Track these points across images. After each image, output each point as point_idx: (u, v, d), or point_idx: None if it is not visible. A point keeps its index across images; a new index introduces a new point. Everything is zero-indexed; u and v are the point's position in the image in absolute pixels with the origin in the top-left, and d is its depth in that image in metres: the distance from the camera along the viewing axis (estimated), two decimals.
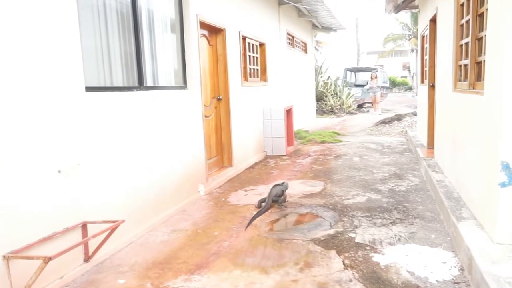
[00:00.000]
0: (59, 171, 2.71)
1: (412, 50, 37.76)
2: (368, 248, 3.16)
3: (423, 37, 7.72)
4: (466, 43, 3.90)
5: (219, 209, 4.34)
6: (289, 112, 7.95)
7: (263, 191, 5.01)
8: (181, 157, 4.46)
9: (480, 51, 3.55)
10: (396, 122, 11.32)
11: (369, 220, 3.77)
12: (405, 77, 48.69)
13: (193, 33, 4.76)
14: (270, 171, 6.23)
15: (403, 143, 8.40)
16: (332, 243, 3.28)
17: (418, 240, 3.27)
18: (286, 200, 4.43)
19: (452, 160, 4.32)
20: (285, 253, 3.12)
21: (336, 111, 15.81)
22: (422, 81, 7.86)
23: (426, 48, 7.14)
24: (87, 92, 3.01)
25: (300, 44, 11.61)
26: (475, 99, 3.35)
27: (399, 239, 3.30)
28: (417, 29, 34.62)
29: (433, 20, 6.22)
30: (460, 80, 4.22)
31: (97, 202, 3.08)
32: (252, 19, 7.01)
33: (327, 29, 14.03)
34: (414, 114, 12.55)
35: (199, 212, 4.27)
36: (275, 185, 4.42)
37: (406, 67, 50.04)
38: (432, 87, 6.38)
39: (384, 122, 11.41)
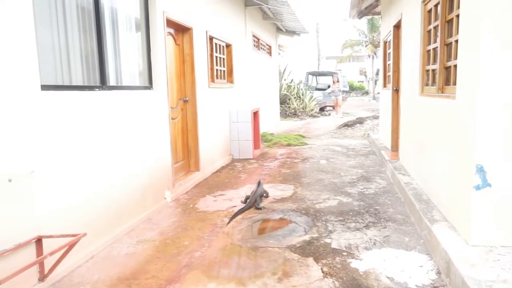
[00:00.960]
0: (10, 180, 2.41)
1: (369, 56, 39.16)
2: (345, 254, 3.10)
3: (385, 42, 7.91)
4: (434, 49, 3.98)
5: (187, 216, 4.14)
6: (256, 114, 7.85)
7: (232, 196, 4.86)
8: (147, 162, 4.22)
9: (449, 56, 3.62)
10: (358, 125, 11.56)
11: (343, 225, 3.73)
12: (362, 81, 50.41)
13: (159, 31, 4.53)
14: (238, 175, 6.09)
15: (366, 145, 8.56)
16: (309, 249, 3.19)
17: (393, 243, 3.25)
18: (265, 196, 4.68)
19: (419, 163, 4.39)
20: (261, 262, 2.99)
21: (299, 114, 15.94)
22: (385, 85, 8.05)
23: (389, 53, 7.31)
24: (43, 91, 2.73)
25: (265, 46, 11.58)
26: (445, 103, 3.40)
27: (374, 243, 3.27)
28: (373, 36, 35.75)
29: (397, 26, 6.37)
30: (427, 85, 4.30)
31: (53, 213, 2.79)
32: (219, 19, 6.85)
33: (291, 32, 14.14)
34: (375, 117, 12.91)
35: (166, 220, 4.04)
36: (259, 184, 4.63)
37: (363, 72, 51.78)
38: (396, 91, 6.53)
39: (347, 125, 11.61)
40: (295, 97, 16.63)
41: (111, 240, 3.45)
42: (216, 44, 6.68)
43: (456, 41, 3.33)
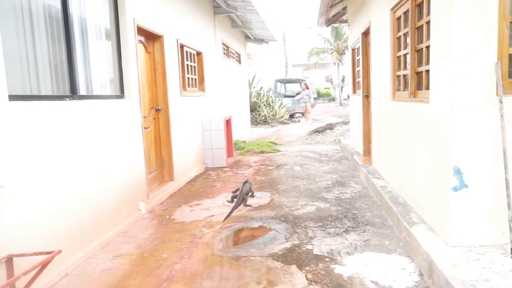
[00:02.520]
0: None
1: (334, 63, 40.17)
2: (327, 259, 3.09)
3: (353, 49, 8.11)
4: (405, 55, 4.10)
5: (164, 228, 4.01)
6: (228, 122, 7.80)
7: (209, 205, 4.77)
8: (120, 173, 4.07)
9: (420, 61, 3.74)
10: (328, 131, 11.75)
11: (323, 230, 3.74)
12: (328, 88, 51.57)
13: (130, 38, 4.41)
14: (213, 183, 6.00)
15: (338, 151, 8.70)
16: (291, 257, 3.16)
17: (374, 247, 3.29)
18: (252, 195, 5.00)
19: (394, 166, 4.49)
20: (244, 272, 2.93)
21: (269, 121, 16.02)
22: (354, 91, 8.24)
23: (358, 60, 7.50)
24: (10, 101, 2.56)
25: (234, 54, 11.58)
26: (419, 107, 3.50)
27: (355, 248, 3.29)
28: (338, 44, 36.63)
29: (365, 33, 6.55)
30: (399, 90, 4.42)
31: (24, 229, 2.62)
32: (190, 27, 6.78)
33: (259, 40, 14.23)
34: (344, 123, 13.18)
35: (143, 232, 3.90)
36: (245, 183, 4.92)
37: (329, 79, 53.01)
38: (366, 97, 6.68)
39: (317, 131, 11.78)
40: (265, 105, 16.72)
41: (86, 256, 3.28)
42: (187, 52, 6.60)
43: (427, 47, 3.44)
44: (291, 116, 18.51)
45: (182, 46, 6.35)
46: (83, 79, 3.69)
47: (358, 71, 7.57)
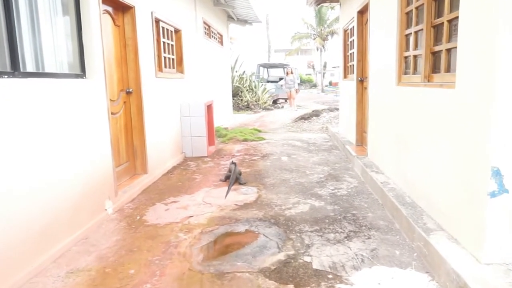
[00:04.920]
0: None
1: (317, 49, 39.61)
2: (330, 276, 2.55)
3: (345, 31, 7.53)
4: (416, 32, 3.54)
5: (133, 233, 3.39)
6: (209, 108, 7.14)
7: (187, 203, 4.17)
8: (80, 166, 3.40)
9: (437, 39, 3.19)
10: (314, 118, 11.23)
11: (321, 236, 3.20)
12: (310, 74, 51.14)
13: (93, 7, 3.69)
14: (192, 176, 5.38)
15: (327, 139, 8.18)
16: (287, 273, 2.61)
17: (383, 259, 2.77)
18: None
19: (398, 160, 3.98)
20: None
21: (252, 107, 15.40)
22: (345, 76, 7.69)
23: (350, 42, 6.93)
24: None
25: (216, 35, 10.82)
26: (437, 93, 2.96)
27: (362, 260, 2.76)
28: (321, 29, 36.07)
29: (361, 12, 5.96)
30: (406, 73, 3.88)
31: None
32: (167, 0, 6.03)
33: (242, 21, 13.47)
34: (331, 110, 12.69)
35: (107, 239, 3.26)
36: (233, 163, 5.10)
37: (311, 65, 52.53)
38: (361, 81, 6.14)
39: (303, 118, 11.24)
40: (247, 90, 16.05)
41: (33, 273, 2.64)
42: (163, 28, 5.87)
43: (449, 20, 2.89)
44: (274, 101, 17.92)
45: (157, 21, 5.61)
46: (30, 52, 2.98)
47: (350, 54, 7.01)
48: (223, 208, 3.95)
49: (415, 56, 3.61)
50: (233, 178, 4.81)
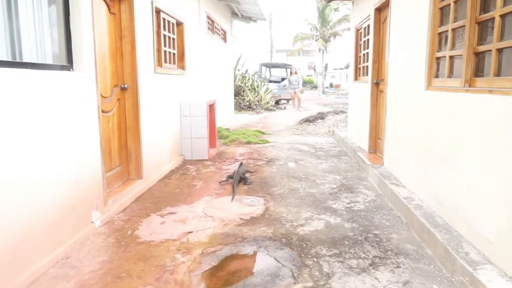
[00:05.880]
0: None
1: (319, 50, 39.19)
2: None
3: (358, 30, 7.08)
4: (454, 29, 3.08)
5: (123, 252, 2.92)
6: (211, 107, 6.67)
7: (186, 215, 3.70)
8: (62, 172, 2.93)
9: (481, 38, 2.74)
10: (319, 120, 10.77)
11: (342, 262, 2.74)
12: (311, 75, 50.78)
13: None
14: (192, 182, 4.91)
15: (334, 144, 7.72)
16: None
17: None
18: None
19: (425, 174, 3.52)
20: None
21: (254, 107, 14.92)
22: (357, 78, 7.24)
23: (365, 41, 6.47)
24: None
25: (220, 31, 10.35)
26: (488, 101, 2.49)
27: None
28: (324, 31, 35.67)
29: (379, 9, 5.51)
30: (437, 76, 3.42)
31: None
32: None
33: (247, 18, 12.99)
34: (336, 112, 12.25)
35: (91, 259, 2.79)
36: (240, 165, 4.94)
37: (312, 67, 52.15)
38: (376, 84, 5.69)
39: (308, 120, 10.78)
40: (249, 89, 15.57)
41: None
42: (164, 19, 5.40)
43: (502, 15, 2.43)
44: (277, 102, 17.43)
45: (158, 11, 5.14)
46: (4, 38, 2.51)
47: (364, 54, 6.55)
48: (227, 223, 3.48)
49: (451, 57, 3.15)
50: (236, 179, 4.58)
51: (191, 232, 3.29)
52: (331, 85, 47.38)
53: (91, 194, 3.35)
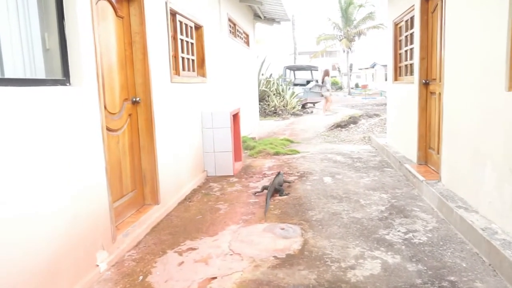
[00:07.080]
0: None
1: (344, 51, 38.17)
2: None
3: (397, 24, 6.32)
4: None
5: None
6: (235, 117, 6.07)
7: (209, 250, 3.09)
8: (56, 210, 2.38)
9: None
10: (352, 125, 9.99)
11: None
12: (335, 76, 49.71)
13: None
14: (216, 205, 4.30)
15: (373, 153, 6.95)
16: None
17: None
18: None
19: (511, 196, 2.76)
20: None
21: (280, 112, 14.27)
22: (396, 79, 6.47)
23: (406, 36, 5.71)
24: None
25: (242, 34, 9.78)
26: None
27: None
28: (348, 30, 34.79)
29: None
30: None
31: None
32: None
33: (270, 20, 12.38)
34: (369, 116, 11.43)
35: None
36: (278, 174, 4.71)
37: (336, 68, 51.04)
38: (425, 85, 4.91)
39: (340, 126, 10.02)
40: (274, 94, 14.94)
41: None
42: (181, 22, 4.85)
43: None
44: (303, 106, 16.70)
45: (174, 14, 4.59)
46: None
47: (406, 51, 5.79)
48: (258, 264, 2.84)
49: None
50: (270, 191, 4.37)
51: (215, 278, 2.67)
52: (357, 86, 46.18)
53: (95, 231, 2.79)
